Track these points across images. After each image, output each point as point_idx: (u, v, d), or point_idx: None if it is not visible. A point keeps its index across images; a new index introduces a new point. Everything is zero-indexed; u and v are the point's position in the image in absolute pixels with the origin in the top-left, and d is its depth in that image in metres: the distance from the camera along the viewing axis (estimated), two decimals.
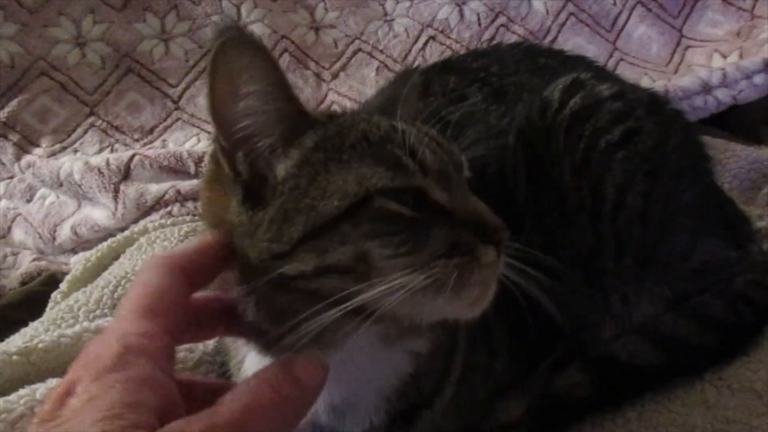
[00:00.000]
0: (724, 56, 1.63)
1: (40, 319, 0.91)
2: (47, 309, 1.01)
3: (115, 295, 0.94)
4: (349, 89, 1.60)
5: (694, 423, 0.70)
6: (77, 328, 0.82)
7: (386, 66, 1.64)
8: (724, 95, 1.44)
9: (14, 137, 1.45)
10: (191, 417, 0.39)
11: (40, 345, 0.78)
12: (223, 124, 0.51)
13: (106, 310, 0.92)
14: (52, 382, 0.70)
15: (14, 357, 0.75)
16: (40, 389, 0.68)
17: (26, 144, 1.46)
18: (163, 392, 0.40)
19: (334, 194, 0.50)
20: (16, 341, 0.81)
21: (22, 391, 0.67)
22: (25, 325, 0.91)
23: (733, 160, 1.24)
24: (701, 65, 1.64)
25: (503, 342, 0.72)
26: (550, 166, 0.78)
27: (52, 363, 0.77)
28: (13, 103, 1.47)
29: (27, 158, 1.42)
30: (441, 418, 0.63)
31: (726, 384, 0.74)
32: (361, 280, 0.48)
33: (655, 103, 0.87)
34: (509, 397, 0.73)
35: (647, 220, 0.78)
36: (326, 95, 1.61)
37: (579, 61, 0.96)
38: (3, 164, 1.45)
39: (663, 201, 0.79)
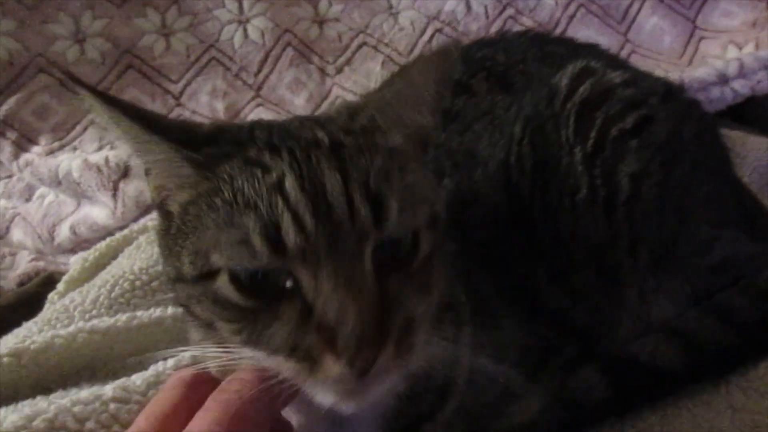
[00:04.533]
0: (740, 47, 1.58)
1: (34, 320, 0.88)
2: (44, 310, 0.98)
3: (112, 295, 0.90)
4: (354, 84, 1.56)
5: (720, 428, 0.66)
6: (72, 328, 0.78)
7: (392, 60, 1.60)
8: (741, 86, 1.40)
9: (12, 135, 1.42)
10: None
11: (33, 346, 0.75)
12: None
13: (102, 310, 0.88)
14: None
15: (5, 359, 0.72)
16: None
17: (25, 142, 1.42)
18: None
19: (190, 256, 0.48)
20: (9, 342, 0.78)
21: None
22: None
23: (752, 153, 1.20)
24: (716, 56, 1.59)
25: (513, 340, 0.69)
26: (559, 157, 0.75)
27: (44, 365, 0.75)
28: (11, 100, 1.44)
29: (25, 156, 1.39)
30: (444, 429, 0.60)
31: (753, 386, 0.71)
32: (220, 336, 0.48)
33: (670, 92, 0.83)
34: (519, 395, 0.69)
35: (664, 212, 0.74)
36: (330, 90, 1.57)
37: (589, 49, 0.92)
38: (1, 163, 1.42)
39: (680, 192, 0.75)
